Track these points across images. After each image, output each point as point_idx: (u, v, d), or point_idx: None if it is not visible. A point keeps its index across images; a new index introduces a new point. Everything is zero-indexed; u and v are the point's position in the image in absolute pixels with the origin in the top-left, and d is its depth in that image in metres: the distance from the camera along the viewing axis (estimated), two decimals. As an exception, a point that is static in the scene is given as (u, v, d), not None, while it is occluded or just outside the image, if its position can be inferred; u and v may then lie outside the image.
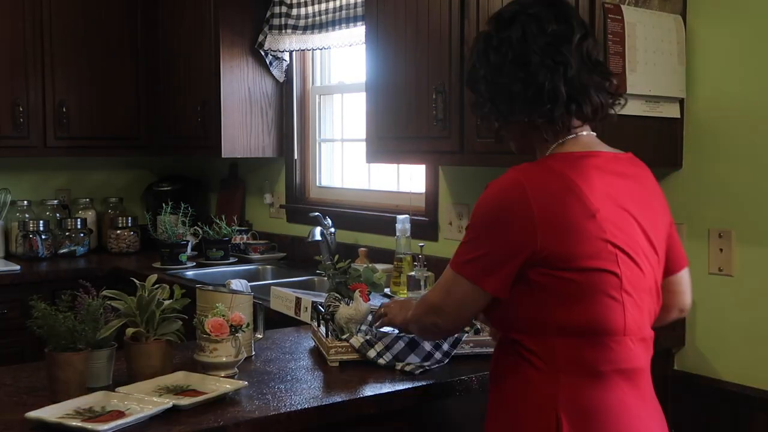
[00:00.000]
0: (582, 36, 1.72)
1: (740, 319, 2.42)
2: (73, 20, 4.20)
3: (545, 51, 1.69)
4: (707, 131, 2.47)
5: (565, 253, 1.62)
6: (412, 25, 2.88)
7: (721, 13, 2.43)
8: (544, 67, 1.68)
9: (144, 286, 1.99)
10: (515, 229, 1.63)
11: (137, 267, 3.96)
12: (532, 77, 1.69)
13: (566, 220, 1.62)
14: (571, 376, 1.65)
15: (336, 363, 2.16)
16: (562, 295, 1.64)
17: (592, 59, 1.73)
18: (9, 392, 1.91)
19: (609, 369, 1.65)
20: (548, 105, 1.69)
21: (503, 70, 1.72)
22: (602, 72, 1.75)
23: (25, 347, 3.65)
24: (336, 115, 4.11)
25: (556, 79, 1.68)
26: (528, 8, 1.74)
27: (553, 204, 1.63)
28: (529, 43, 1.70)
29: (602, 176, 1.69)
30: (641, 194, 1.75)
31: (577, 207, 1.63)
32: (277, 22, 4.00)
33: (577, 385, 1.64)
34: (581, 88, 1.70)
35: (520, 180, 1.65)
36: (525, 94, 1.70)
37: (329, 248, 3.69)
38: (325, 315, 2.26)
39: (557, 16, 1.72)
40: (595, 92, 1.72)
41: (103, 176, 4.74)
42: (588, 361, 1.65)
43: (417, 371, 2.08)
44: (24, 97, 4.08)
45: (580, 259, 1.62)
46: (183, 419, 1.73)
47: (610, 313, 1.64)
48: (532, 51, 1.69)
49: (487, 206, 1.70)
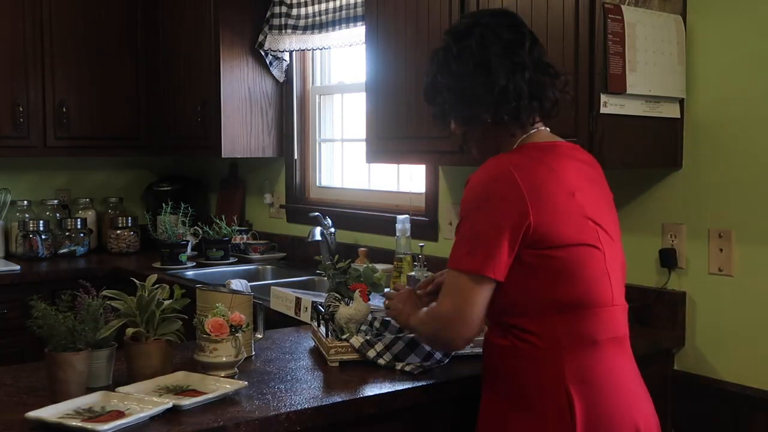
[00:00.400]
0: (532, 42, 1.88)
1: (740, 319, 2.42)
2: (73, 20, 4.20)
3: (504, 55, 1.84)
4: (707, 131, 2.47)
5: (555, 231, 1.73)
6: (412, 25, 2.88)
7: (721, 13, 2.43)
8: (505, 69, 1.83)
9: (144, 286, 1.98)
10: (509, 207, 1.74)
11: (137, 267, 3.96)
12: (494, 79, 1.83)
13: (551, 198, 1.75)
14: (572, 350, 1.75)
15: (336, 363, 2.16)
16: (555, 273, 1.74)
17: (543, 62, 1.89)
18: (9, 392, 1.91)
19: (605, 338, 1.78)
20: (513, 103, 1.83)
21: (466, 77, 1.86)
22: (552, 72, 1.90)
23: (25, 347, 3.65)
24: (336, 115, 4.11)
25: (517, 79, 1.83)
26: (482, 19, 1.90)
27: (538, 184, 1.75)
28: (489, 49, 1.84)
29: (570, 161, 1.86)
30: (598, 177, 1.93)
31: (559, 186, 1.78)
32: (277, 22, 4.00)
33: (579, 358, 1.75)
34: (539, 87, 1.85)
35: (505, 164, 1.78)
36: (490, 95, 1.83)
37: (329, 248, 3.69)
38: (325, 315, 2.26)
39: (509, 26, 1.88)
40: (551, 89, 1.88)
41: (103, 176, 4.75)
42: (587, 332, 1.77)
43: (417, 371, 2.08)
44: (24, 97, 4.08)
45: (566, 236, 1.74)
46: (183, 419, 1.73)
47: (600, 285, 1.78)
48: (493, 55, 1.84)
49: (478, 192, 1.80)
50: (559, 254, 1.74)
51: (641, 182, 2.63)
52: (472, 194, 1.80)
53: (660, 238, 2.60)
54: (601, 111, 2.28)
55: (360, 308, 2.22)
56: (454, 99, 1.89)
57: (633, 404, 1.81)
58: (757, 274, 2.38)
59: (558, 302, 1.75)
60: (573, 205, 1.78)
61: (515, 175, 1.74)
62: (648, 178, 2.62)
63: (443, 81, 1.91)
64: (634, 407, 1.81)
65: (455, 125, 1.96)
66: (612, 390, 1.77)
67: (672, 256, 2.55)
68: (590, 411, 1.73)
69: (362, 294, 2.23)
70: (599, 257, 1.78)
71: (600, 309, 1.78)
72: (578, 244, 1.75)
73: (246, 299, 2.22)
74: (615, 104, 2.30)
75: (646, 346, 2.42)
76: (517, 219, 1.72)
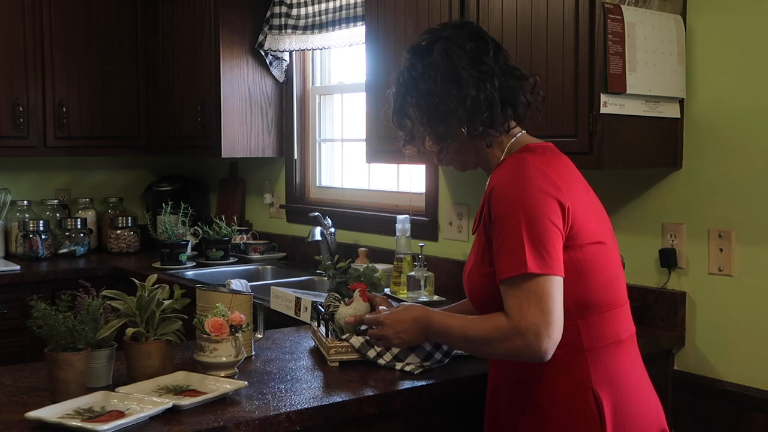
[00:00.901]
0: (495, 48, 1.87)
1: (740, 319, 2.42)
2: (73, 20, 4.20)
3: (471, 65, 1.82)
4: (707, 131, 2.47)
5: (583, 225, 1.75)
6: (412, 25, 2.88)
7: (722, 13, 2.43)
8: (474, 80, 1.81)
9: (144, 286, 1.98)
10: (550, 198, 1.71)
11: (137, 267, 3.96)
12: (465, 91, 1.81)
13: (575, 190, 1.78)
14: (595, 352, 1.76)
15: (336, 363, 2.16)
16: (577, 273, 1.73)
17: (509, 66, 1.88)
18: (9, 392, 1.91)
19: (626, 336, 1.82)
20: (486, 112, 1.81)
21: (436, 92, 1.84)
22: (519, 76, 1.88)
23: (24, 347, 3.66)
24: (336, 115, 4.11)
25: (487, 88, 1.81)
26: (441, 33, 1.88)
27: (563, 176, 1.78)
28: (455, 62, 1.82)
29: (565, 163, 1.86)
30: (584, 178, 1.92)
31: (576, 180, 1.82)
32: (277, 22, 4.00)
33: (603, 359, 1.77)
34: (511, 92, 1.84)
35: (527, 160, 1.77)
36: (462, 108, 1.81)
37: (329, 248, 3.69)
38: (324, 315, 2.26)
39: (470, 35, 1.86)
40: (521, 93, 1.87)
41: (103, 176, 4.74)
42: (610, 333, 1.79)
43: (417, 371, 2.08)
44: (24, 97, 4.08)
45: (590, 231, 1.76)
46: (183, 419, 1.73)
47: (617, 283, 1.82)
48: (460, 68, 1.82)
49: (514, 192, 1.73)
50: (580, 255, 1.74)
51: (641, 182, 2.63)
52: (509, 195, 1.72)
53: (660, 238, 2.60)
54: (601, 111, 2.28)
55: (360, 308, 2.22)
56: (426, 117, 1.86)
57: (655, 402, 1.87)
58: (757, 274, 2.38)
59: (580, 305, 1.74)
60: (589, 199, 1.83)
61: (543, 168, 1.75)
62: (648, 178, 2.62)
63: (412, 101, 1.88)
64: (657, 405, 1.87)
65: (429, 143, 1.90)
66: (635, 388, 1.82)
67: (672, 256, 2.55)
68: (618, 411, 1.76)
69: (362, 294, 2.23)
70: (609, 256, 1.81)
71: (620, 308, 1.82)
72: (596, 242, 1.77)
73: (246, 299, 2.22)
74: (615, 104, 2.30)
75: (646, 346, 2.42)
76: (559, 209, 1.71)
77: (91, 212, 4.57)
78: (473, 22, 1.96)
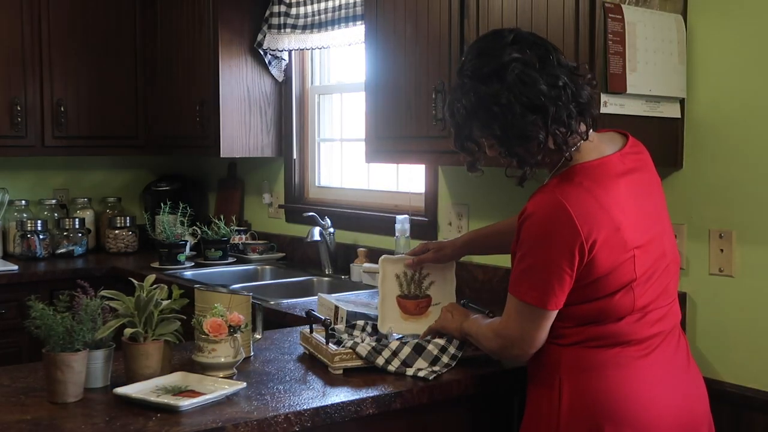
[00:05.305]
0: (552, 48, 1.86)
1: (741, 319, 2.41)
2: (71, 19, 4.19)
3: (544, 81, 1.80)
4: (708, 131, 2.47)
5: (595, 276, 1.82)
6: (412, 24, 2.87)
7: (722, 13, 2.42)
8: (551, 100, 1.80)
9: (142, 286, 1.98)
10: (567, 244, 1.78)
11: (135, 267, 3.95)
12: (544, 114, 1.80)
13: (600, 236, 1.80)
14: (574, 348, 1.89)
15: (340, 371, 2.10)
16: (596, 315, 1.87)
17: (567, 64, 1.87)
18: (6, 393, 1.90)
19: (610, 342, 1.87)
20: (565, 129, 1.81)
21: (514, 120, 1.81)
22: (576, 71, 1.88)
23: (22, 347, 3.65)
24: (335, 114, 4.11)
25: (563, 102, 1.80)
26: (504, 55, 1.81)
27: (590, 222, 1.79)
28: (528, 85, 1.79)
29: (617, 183, 1.86)
30: (649, 180, 1.96)
31: (607, 222, 1.81)
32: (276, 22, 4.00)
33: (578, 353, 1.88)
34: (581, 95, 1.84)
35: (558, 199, 1.80)
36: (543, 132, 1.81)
37: (328, 248, 3.69)
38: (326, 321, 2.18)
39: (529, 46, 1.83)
40: (587, 90, 1.87)
41: (101, 176, 4.74)
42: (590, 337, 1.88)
43: (431, 377, 2.06)
44: (22, 97, 4.07)
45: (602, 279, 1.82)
46: (181, 420, 1.73)
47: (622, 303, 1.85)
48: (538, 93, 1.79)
49: (536, 230, 1.83)
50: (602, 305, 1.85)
51: (641, 182, 2.62)
52: (532, 232, 1.84)
53: (660, 239, 2.59)
54: (602, 111, 2.27)
55: None
56: (504, 146, 1.86)
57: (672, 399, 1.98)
58: (757, 275, 2.38)
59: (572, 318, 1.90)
60: (616, 239, 1.81)
61: (569, 210, 1.78)
62: (648, 178, 2.61)
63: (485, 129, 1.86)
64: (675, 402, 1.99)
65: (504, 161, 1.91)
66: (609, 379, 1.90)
67: (672, 257, 2.55)
68: None
69: None
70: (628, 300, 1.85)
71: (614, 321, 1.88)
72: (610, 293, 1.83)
73: (245, 299, 2.21)
74: (615, 104, 2.30)
75: (647, 347, 2.42)
76: (577, 256, 1.79)
77: (90, 212, 4.56)
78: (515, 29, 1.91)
